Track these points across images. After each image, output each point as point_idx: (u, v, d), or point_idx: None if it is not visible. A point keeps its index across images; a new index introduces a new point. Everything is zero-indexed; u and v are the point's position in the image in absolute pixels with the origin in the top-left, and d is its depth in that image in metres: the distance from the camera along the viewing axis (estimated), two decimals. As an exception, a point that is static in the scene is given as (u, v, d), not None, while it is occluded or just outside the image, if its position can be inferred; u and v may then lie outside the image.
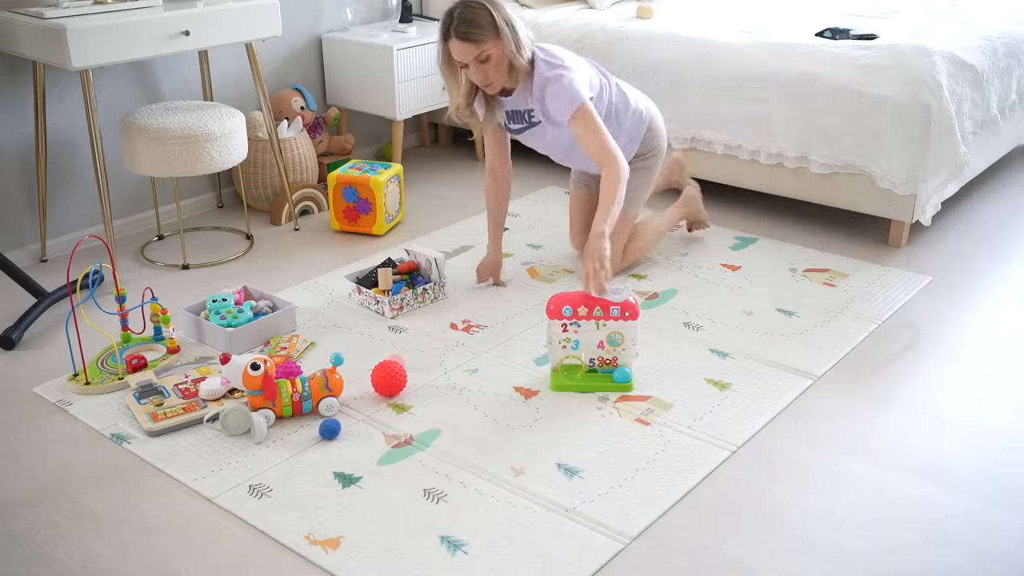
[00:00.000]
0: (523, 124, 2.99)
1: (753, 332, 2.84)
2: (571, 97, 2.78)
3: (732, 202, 3.87)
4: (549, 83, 2.80)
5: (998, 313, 2.97)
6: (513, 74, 2.81)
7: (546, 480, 2.18)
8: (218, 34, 3.26)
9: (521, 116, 2.96)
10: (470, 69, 2.77)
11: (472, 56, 2.73)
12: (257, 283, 3.22)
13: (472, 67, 2.76)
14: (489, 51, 2.73)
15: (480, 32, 2.70)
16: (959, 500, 2.11)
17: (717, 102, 3.62)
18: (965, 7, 4.11)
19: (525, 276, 3.24)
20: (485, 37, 2.71)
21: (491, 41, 2.72)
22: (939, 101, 3.19)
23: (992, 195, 3.94)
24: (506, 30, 2.73)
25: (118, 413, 2.48)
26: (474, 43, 2.71)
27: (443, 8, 4.51)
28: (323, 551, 1.97)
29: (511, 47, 2.75)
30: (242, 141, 3.32)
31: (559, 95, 2.79)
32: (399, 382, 2.51)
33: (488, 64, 2.75)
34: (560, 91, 2.79)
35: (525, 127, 2.99)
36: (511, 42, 2.74)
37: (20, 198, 3.37)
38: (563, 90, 2.78)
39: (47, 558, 1.98)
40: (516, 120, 2.99)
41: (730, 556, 1.95)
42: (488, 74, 2.77)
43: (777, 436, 2.35)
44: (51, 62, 2.99)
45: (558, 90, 2.79)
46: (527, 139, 3.07)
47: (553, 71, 2.81)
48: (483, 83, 2.81)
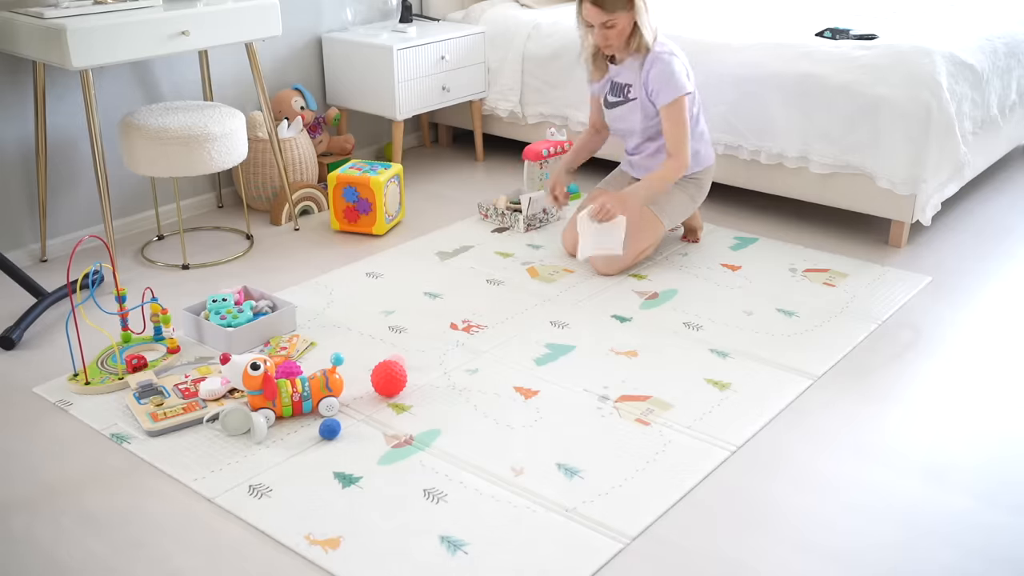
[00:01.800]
0: (620, 98, 3.23)
1: (753, 332, 2.84)
2: (675, 84, 3.07)
3: (732, 202, 3.87)
4: (659, 62, 3.08)
5: (998, 313, 2.97)
6: (630, 46, 3.09)
7: (546, 480, 2.18)
8: (218, 34, 3.26)
9: (621, 89, 3.21)
10: (595, 30, 3.07)
11: (600, 21, 3.03)
12: (257, 283, 3.22)
13: (597, 30, 3.06)
14: (615, 21, 3.02)
15: (612, 2, 2.99)
16: (959, 500, 2.11)
17: (717, 102, 3.62)
18: (965, 7, 4.11)
19: (525, 276, 3.24)
20: (615, 8, 3.01)
21: (620, 13, 3.01)
22: (939, 101, 3.19)
23: (992, 195, 3.94)
24: (641, 6, 3.03)
25: (118, 413, 2.48)
26: (603, 11, 3.01)
27: (443, 8, 4.52)
28: (323, 551, 1.97)
29: (639, 21, 3.03)
30: (242, 141, 3.32)
31: (665, 77, 3.07)
32: (399, 382, 2.51)
33: (612, 31, 3.05)
34: (667, 74, 3.07)
35: (621, 101, 3.23)
36: (640, 17, 3.03)
37: (20, 198, 3.37)
38: (671, 74, 3.07)
39: (47, 558, 1.98)
40: (615, 93, 3.24)
41: (730, 556, 1.95)
42: (609, 39, 3.07)
43: (777, 436, 2.35)
44: (51, 62, 2.99)
45: (666, 72, 3.07)
46: (616, 115, 3.28)
47: (667, 55, 3.08)
48: (602, 45, 3.11)
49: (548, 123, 4.19)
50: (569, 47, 4.01)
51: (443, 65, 4.11)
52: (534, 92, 4.19)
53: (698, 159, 3.27)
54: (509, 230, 3.60)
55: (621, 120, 3.27)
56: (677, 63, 3.08)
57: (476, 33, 4.22)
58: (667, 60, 3.07)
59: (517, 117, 4.30)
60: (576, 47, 3.97)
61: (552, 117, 4.17)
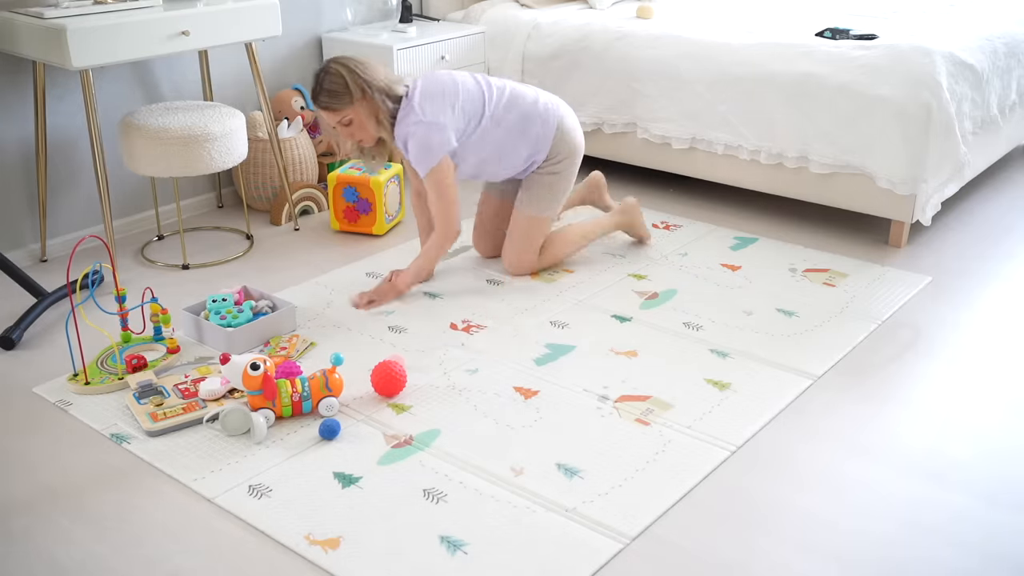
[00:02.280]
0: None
1: (753, 332, 2.84)
2: (428, 156, 2.90)
3: (732, 202, 3.87)
4: (408, 140, 2.92)
5: (998, 313, 2.97)
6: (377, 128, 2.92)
7: (546, 480, 2.18)
8: (218, 34, 3.26)
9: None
10: (338, 130, 2.93)
11: (335, 121, 2.89)
12: (257, 283, 3.22)
13: (339, 129, 2.93)
14: (349, 115, 2.87)
15: (338, 100, 2.83)
16: (958, 500, 2.11)
17: (717, 102, 3.62)
18: (965, 7, 4.11)
19: (525, 276, 3.24)
20: (343, 104, 2.84)
21: (349, 108, 2.85)
22: (939, 101, 3.19)
23: (992, 195, 3.94)
24: (360, 96, 2.84)
25: (118, 413, 2.48)
26: (332, 111, 2.86)
27: (443, 8, 4.52)
28: (323, 551, 1.97)
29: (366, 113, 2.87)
30: (242, 141, 3.32)
31: (418, 151, 2.91)
32: (399, 382, 2.51)
33: (352, 127, 2.90)
34: (419, 147, 2.90)
35: None
36: (370, 108, 2.86)
37: (20, 198, 3.37)
38: (421, 147, 2.90)
39: (47, 558, 1.98)
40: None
41: (730, 556, 1.95)
42: (356, 133, 2.92)
43: (777, 436, 2.35)
44: (51, 62, 2.99)
45: (417, 145, 2.90)
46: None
47: (412, 126, 2.89)
48: (355, 143, 2.98)
49: (548, 123, 4.18)
50: (569, 47, 4.01)
51: (443, 65, 4.11)
52: (534, 92, 4.19)
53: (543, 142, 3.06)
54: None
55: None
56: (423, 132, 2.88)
57: (476, 33, 4.22)
58: (415, 131, 2.88)
59: (517, 117, 4.30)
60: (575, 48, 3.98)
61: (552, 117, 4.17)
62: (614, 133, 3.96)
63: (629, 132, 3.93)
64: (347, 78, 2.83)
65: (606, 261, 3.34)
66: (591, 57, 3.94)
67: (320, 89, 2.85)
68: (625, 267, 3.29)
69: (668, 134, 3.79)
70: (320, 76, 2.86)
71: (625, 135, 3.95)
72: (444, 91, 2.97)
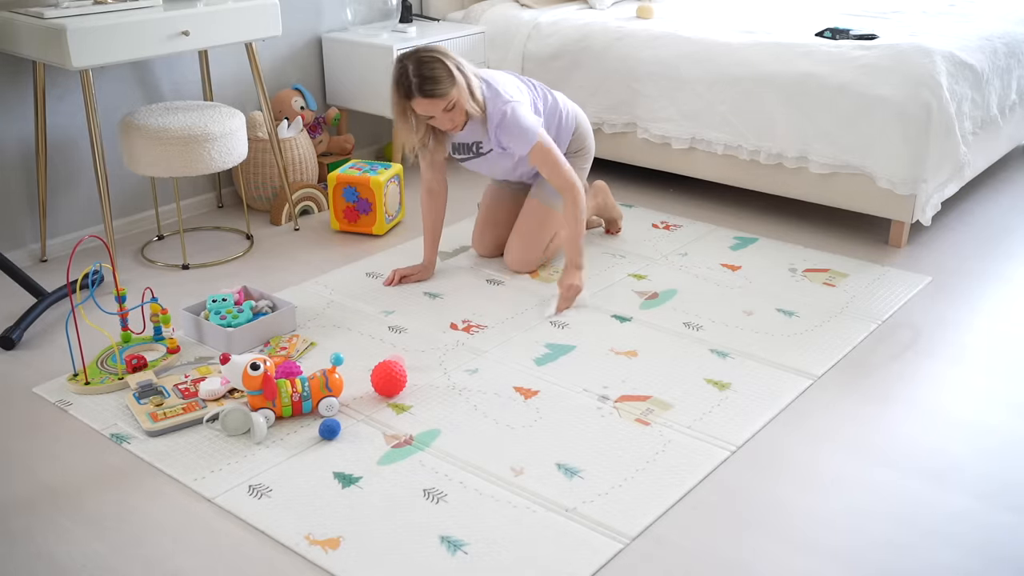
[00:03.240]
0: (469, 155, 3.11)
1: (753, 332, 2.84)
2: (527, 135, 2.91)
3: (732, 202, 3.87)
4: (504, 119, 2.91)
5: (998, 313, 2.97)
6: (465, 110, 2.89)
7: (546, 480, 2.18)
8: (218, 34, 3.25)
9: (468, 148, 3.08)
10: (436, 119, 2.88)
11: (439, 109, 2.83)
12: (257, 283, 3.22)
13: (439, 117, 2.86)
14: (453, 100, 2.82)
15: (443, 87, 2.79)
16: (958, 500, 2.11)
17: (717, 102, 3.62)
18: (965, 7, 4.11)
19: (525, 276, 3.24)
20: (448, 91, 2.80)
21: (453, 90, 2.81)
22: (939, 101, 3.19)
23: (992, 195, 3.94)
24: (461, 78, 2.82)
25: (118, 413, 2.48)
26: (440, 98, 2.80)
27: (443, 8, 4.51)
28: (323, 551, 1.97)
29: (466, 93, 2.84)
30: (242, 141, 3.32)
31: (515, 132, 2.91)
32: (399, 382, 2.51)
33: (455, 111, 2.86)
34: (515, 128, 2.91)
35: (471, 157, 3.12)
36: (466, 88, 2.84)
37: (20, 198, 3.37)
38: (518, 127, 2.90)
39: (47, 558, 1.98)
40: (462, 151, 3.12)
41: (730, 556, 1.95)
42: (455, 119, 2.89)
43: (777, 436, 2.35)
44: (51, 62, 2.99)
45: (513, 127, 2.90)
46: (475, 165, 3.17)
47: (504, 105, 2.91)
48: (450, 128, 2.92)
49: (548, 123, 4.19)
50: (569, 47, 4.01)
51: (443, 65, 4.11)
52: (534, 92, 4.19)
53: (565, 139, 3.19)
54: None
55: (484, 168, 3.18)
56: (518, 109, 2.91)
57: (476, 33, 4.22)
58: (509, 113, 2.89)
59: (517, 117, 4.30)
60: (575, 48, 3.98)
61: (552, 117, 4.17)
62: (614, 133, 3.96)
63: (629, 132, 3.93)
64: (446, 62, 2.81)
65: (606, 261, 3.34)
66: (591, 57, 3.94)
67: (423, 79, 2.78)
68: (625, 267, 3.29)
69: (668, 134, 3.79)
70: (414, 65, 2.79)
71: (625, 135, 3.95)
72: (512, 79, 3.06)
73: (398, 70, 2.82)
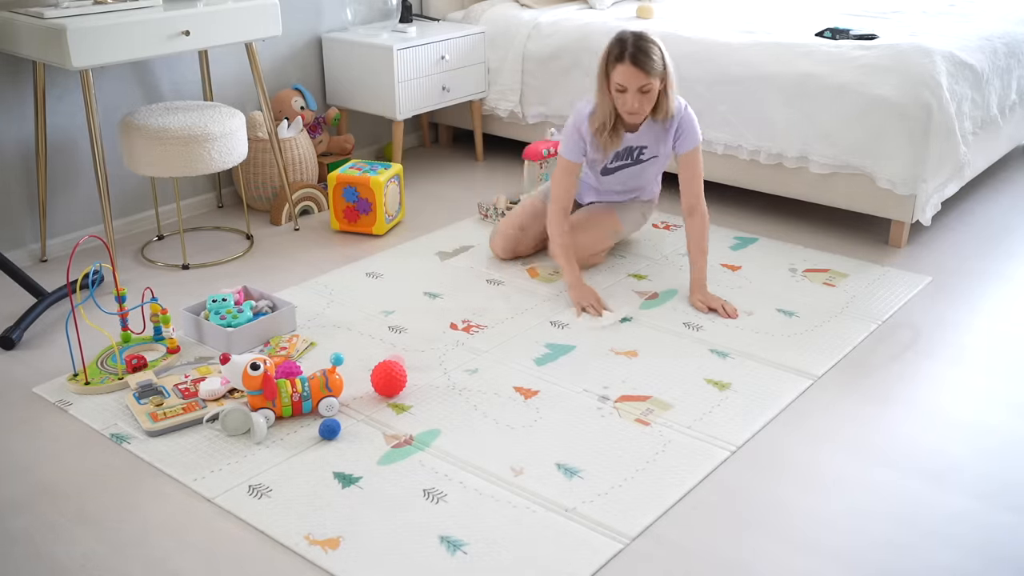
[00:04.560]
0: (627, 161, 3.14)
1: (753, 332, 2.84)
2: (697, 134, 3.04)
3: (732, 202, 3.87)
4: (686, 115, 3.02)
5: (998, 313, 2.97)
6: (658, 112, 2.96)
7: (546, 480, 2.18)
8: (218, 34, 3.26)
9: (630, 153, 3.11)
10: (628, 94, 2.87)
11: (638, 84, 2.85)
12: (257, 283, 3.22)
13: (631, 94, 2.87)
14: (652, 85, 2.86)
15: (653, 65, 2.84)
16: (958, 500, 2.11)
17: (717, 102, 3.62)
18: (965, 7, 4.11)
19: (525, 276, 3.24)
20: (655, 72, 2.85)
21: (657, 77, 2.86)
22: (939, 101, 3.19)
23: (992, 195, 3.94)
24: (670, 71, 2.90)
25: (118, 413, 2.48)
26: (645, 73, 2.83)
27: (443, 8, 4.52)
28: (323, 551, 1.97)
29: (670, 87, 2.92)
30: (242, 141, 3.32)
31: (693, 129, 3.03)
32: (399, 382, 2.51)
33: (646, 96, 2.88)
34: (693, 126, 3.03)
35: (627, 164, 3.15)
36: (671, 83, 2.92)
37: (20, 198, 3.37)
38: (692, 123, 3.03)
39: (47, 558, 1.98)
40: (621, 158, 3.13)
41: (730, 556, 1.95)
42: (643, 104, 2.90)
43: (777, 436, 2.35)
44: (51, 62, 2.99)
45: (692, 124, 3.03)
46: (617, 177, 3.21)
47: (691, 114, 3.04)
48: (635, 110, 2.91)
49: (548, 123, 4.19)
50: (569, 47, 4.01)
51: (443, 65, 4.11)
52: (534, 92, 4.19)
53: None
54: None
55: (620, 181, 3.21)
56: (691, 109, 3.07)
57: (476, 33, 4.22)
58: (689, 112, 3.04)
59: (517, 117, 4.30)
60: (575, 48, 3.98)
61: (552, 117, 4.17)
62: (614, 133, 3.96)
63: (629, 132, 3.93)
64: (662, 51, 2.88)
65: (606, 261, 3.34)
66: (591, 57, 3.93)
67: (636, 48, 2.83)
68: (625, 267, 3.30)
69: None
70: (633, 38, 2.85)
71: (625, 135, 3.94)
72: None
73: (616, 37, 2.89)
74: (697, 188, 3.05)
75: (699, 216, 3.04)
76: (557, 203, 3.07)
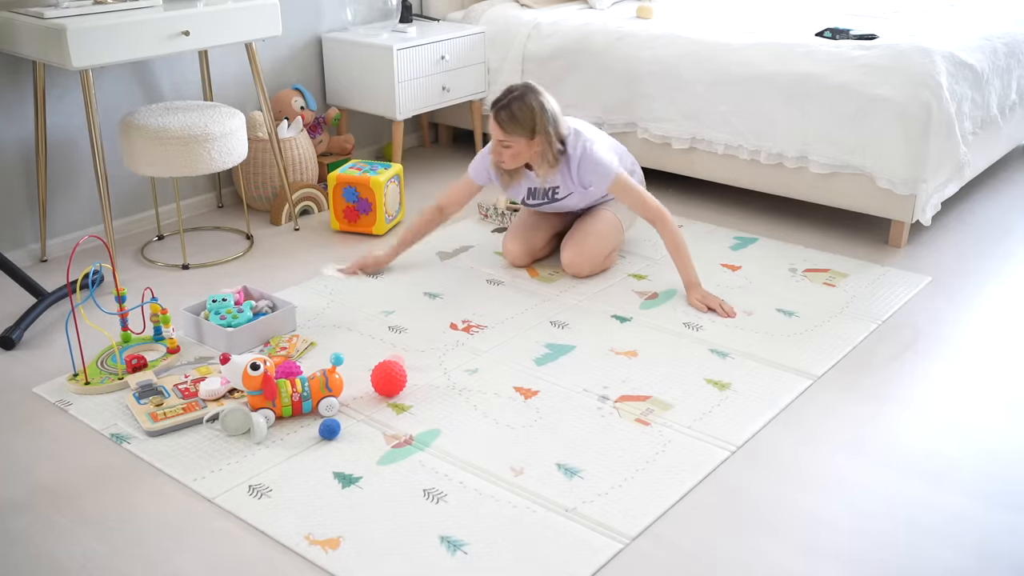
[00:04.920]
0: (543, 200, 3.18)
1: (753, 332, 2.84)
2: (606, 170, 3.01)
3: (732, 202, 3.87)
4: (583, 160, 3.00)
5: (998, 313, 2.97)
6: (545, 162, 2.98)
7: (546, 480, 2.18)
8: (218, 34, 3.26)
9: (544, 192, 3.15)
10: (494, 143, 2.99)
11: (498, 139, 2.95)
12: (257, 283, 3.22)
13: (495, 144, 2.98)
14: (512, 144, 2.93)
15: (514, 127, 2.90)
16: (958, 500, 2.11)
17: (717, 102, 3.62)
18: (965, 7, 4.11)
19: (525, 276, 3.24)
20: (516, 133, 2.91)
21: (521, 139, 2.92)
22: (939, 101, 3.19)
23: (992, 195, 3.94)
24: (548, 132, 2.92)
25: (118, 413, 2.48)
26: (503, 131, 2.92)
27: (443, 8, 4.52)
28: (323, 551, 1.97)
29: (539, 149, 2.94)
30: (242, 141, 3.32)
31: (597, 170, 3.01)
32: (399, 382, 2.51)
33: (508, 151, 2.96)
34: (596, 165, 3.00)
35: (544, 202, 3.19)
36: (541, 145, 2.94)
37: (20, 198, 3.37)
38: (598, 164, 3.00)
39: (47, 558, 1.98)
40: (537, 196, 3.18)
41: (730, 556, 1.95)
42: (506, 157, 2.97)
43: (777, 436, 2.35)
44: (51, 62, 2.99)
45: (594, 165, 3.00)
46: (543, 210, 3.28)
47: (582, 147, 3.00)
48: (496, 160, 3.02)
49: (548, 123, 4.18)
50: (569, 47, 4.01)
51: (443, 65, 4.11)
52: (534, 92, 4.19)
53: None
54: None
55: (550, 208, 3.24)
56: (593, 147, 3.00)
57: (476, 33, 4.22)
58: (588, 153, 2.98)
59: (517, 117, 4.30)
60: (575, 48, 3.98)
61: (552, 117, 4.17)
62: (614, 133, 3.96)
63: (629, 132, 3.93)
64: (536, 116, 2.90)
65: (606, 261, 3.34)
66: (591, 57, 3.95)
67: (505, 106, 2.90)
68: (625, 267, 3.30)
69: (668, 134, 3.79)
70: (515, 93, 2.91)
71: (625, 135, 3.95)
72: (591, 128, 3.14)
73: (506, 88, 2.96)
74: (644, 206, 3.04)
75: (663, 223, 3.03)
76: (438, 200, 3.24)
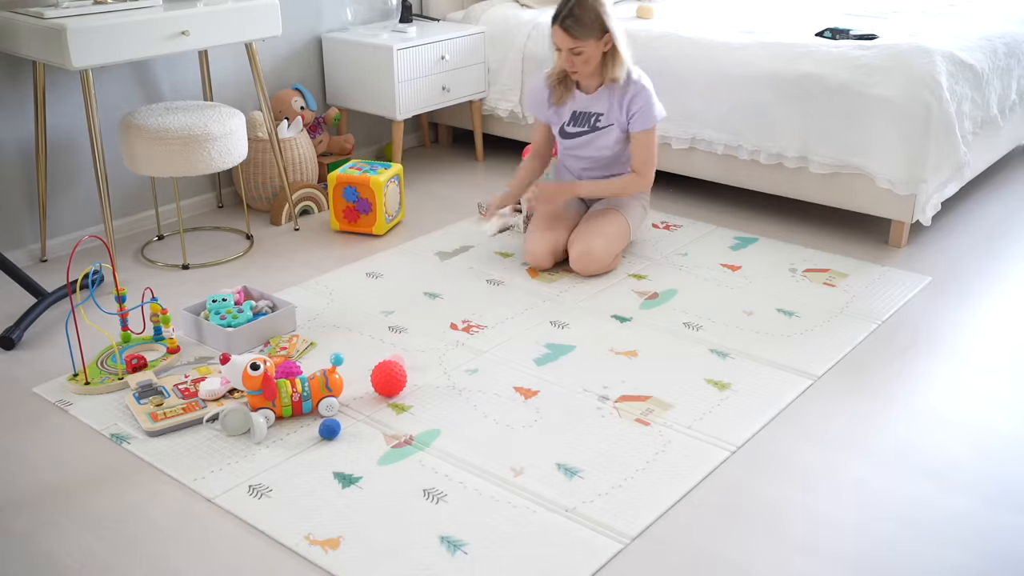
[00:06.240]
0: (584, 128, 3.22)
1: (753, 332, 2.84)
2: (654, 113, 3.14)
3: (732, 202, 3.87)
4: (641, 92, 3.12)
5: (998, 313, 2.97)
6: (603, 74, 3.10)
7: (546, 480, 2.18)
8: (218, 34, 3.26)
9: (587, 119, 3.20)
10: (562, 55, 3.06)
11: (567, 47, 3.02)
12: (257, 283, 3.22)
13: (564, 54, 3.06)
14: (583, 49, 3.01)
15: (581, 31, 2.98)
16: (959, 500, 2.11)
17: (717, 102, 3.62)
18: (965, 7, 4.11)
19: (525, 276, 3.24)
20: (584, 37, 2.99)
21: (589, 41, 3.00)
22: (939, 101, 3.19)
23: (992, 195, 3.94)
24: (613, 34, 3.01)
25: (118, 413, 2.48)
26: (571, 37, 2.99)
27: (443, 8, 4.52)
28: (323, 551, 1.97)
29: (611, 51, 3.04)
30: (242, 141, 3.32)
31: (648, 105, 3.12)
32: (399, 382, 2.51)
33: (579, 58, 3.04)
34: (649, 103, 3.13)
35: (585, 131, 3.22)
36: (612, 47, 3.03)
37: (20, 198, 3.37)
38: (651, 104, 3.13)
39: (47, 558, 1.98)
40: (579, 123, 3.22)
41: (730, 556, 1.95)
42: (575, 66, 3.06)
43: (777, 436, 2.35)
44: (51, 62, 2.99)
45: (648, 101, 3.12)
46: (578, 143, 3.27)
47: (645, 86, 3.13)
48: (569, 70, 3.10)
49: (548, 123, 4.19)
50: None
51: (443, 65, 4.11)
52: (534, 92, 4.19)
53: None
54: (509, 230, 3.60)
55: (583, 149, 3.26)
56: (654, 95, 3.14)
57: (476, 33, 4.22)
58: (648, 89, 3.12)
59: (517, 117, 4.30)
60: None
61: (552, 117, 4.17)
62: (614, 133, 3.96)
63: (629, 132, 3.93)
64: (601, 15, 2.99)
65: (606, 261, 3.34)
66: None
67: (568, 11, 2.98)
68: (625, 267, 3.30)
69: (668, 134, 3.79)
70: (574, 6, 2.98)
71: (625, 135, 3.94)
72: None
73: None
74: (643, 161, 3.15)
75: (636, 179, 3.16)
76: (534, 149, 3.39)
